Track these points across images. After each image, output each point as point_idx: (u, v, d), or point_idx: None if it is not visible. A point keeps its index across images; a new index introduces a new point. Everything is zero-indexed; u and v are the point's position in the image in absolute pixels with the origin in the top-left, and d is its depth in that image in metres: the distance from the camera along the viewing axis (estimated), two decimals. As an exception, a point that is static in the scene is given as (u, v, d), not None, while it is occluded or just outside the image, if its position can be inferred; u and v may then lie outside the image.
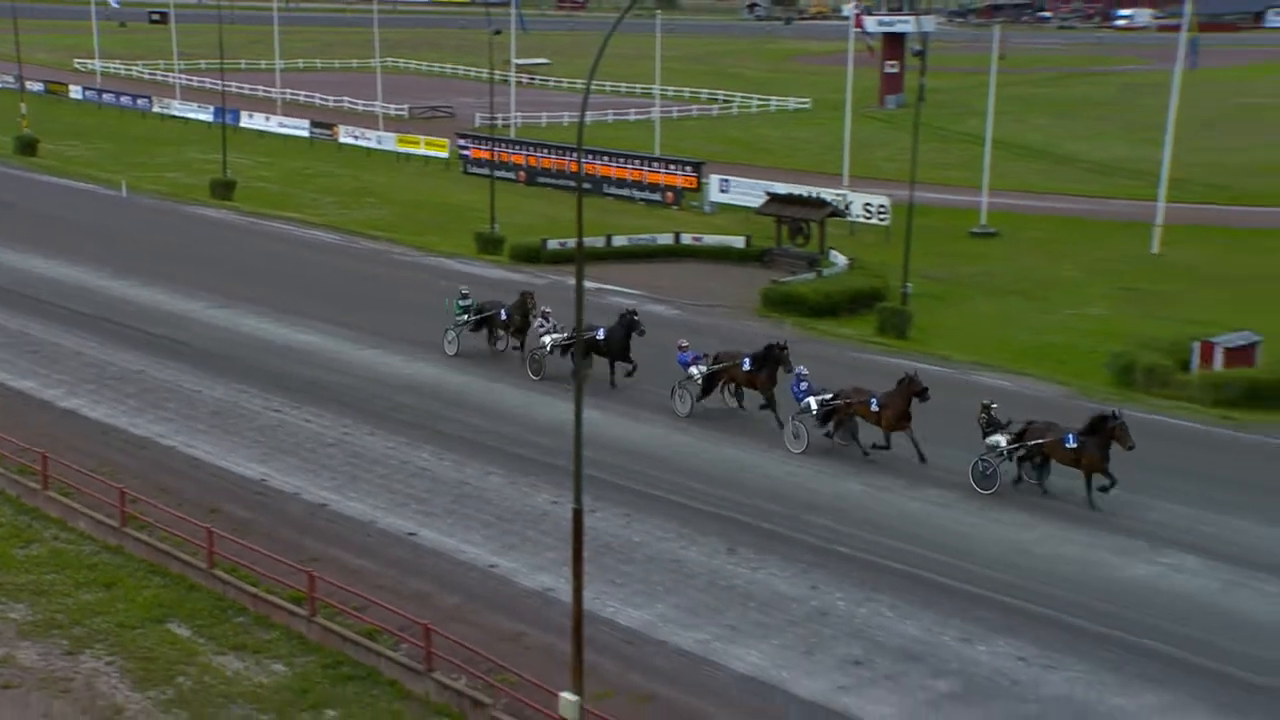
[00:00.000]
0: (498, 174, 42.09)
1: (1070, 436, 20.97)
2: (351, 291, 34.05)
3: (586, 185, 46.85)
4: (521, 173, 50.43)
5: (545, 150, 51.21)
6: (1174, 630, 16.29)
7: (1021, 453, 21.48)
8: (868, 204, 41.19)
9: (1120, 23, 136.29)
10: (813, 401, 23.72)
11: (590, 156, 48.33)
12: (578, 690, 13.56)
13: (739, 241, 38.79)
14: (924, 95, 47.51)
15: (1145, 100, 68.45)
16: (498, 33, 49.49)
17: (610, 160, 48.63)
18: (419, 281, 35.57)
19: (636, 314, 27.07)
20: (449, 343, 29.24)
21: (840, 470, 22.22)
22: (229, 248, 39.69)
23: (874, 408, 23.07)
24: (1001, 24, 70.48)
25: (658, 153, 51.35)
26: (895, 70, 71.77)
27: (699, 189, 46.30)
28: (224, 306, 31.89)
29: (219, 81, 61.34)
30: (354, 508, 19.81)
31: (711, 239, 39.39)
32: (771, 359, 24.85)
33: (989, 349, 30.45)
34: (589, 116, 60.50)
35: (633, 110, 70.56)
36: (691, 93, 78.39)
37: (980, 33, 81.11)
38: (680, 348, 25.99)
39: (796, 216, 37.76)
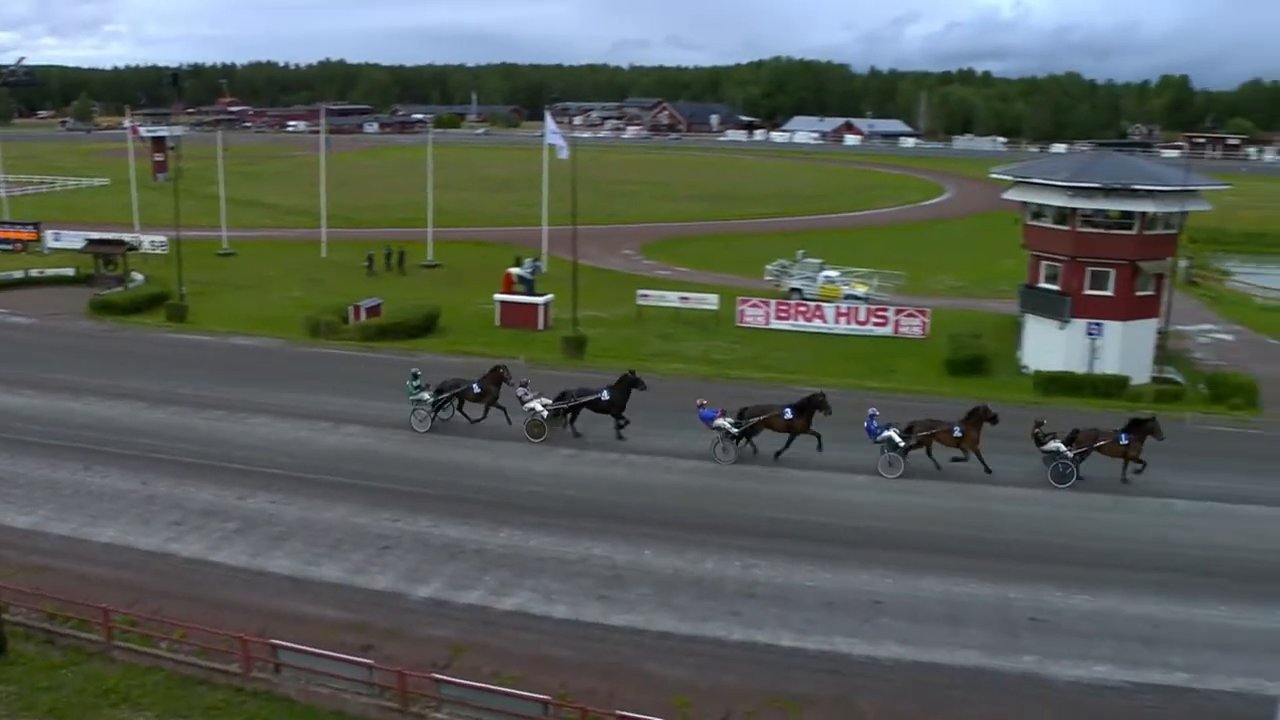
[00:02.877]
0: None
1: (1123, 436, 29.76)
2: None
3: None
4: None
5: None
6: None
7: (1081, 451, 29.70)
8: (153, 241, 67.70)
9: (290, 126, 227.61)
10: (893, 434, 30.11)
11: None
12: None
13: (70, 271, 59.69)
14: (180, 172, 72.45)
15: (307, 171, 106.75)
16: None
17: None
18: None
19: (635, 372, 33.55)
20: (419, 421, 33.29)
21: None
22: None
23: (957, 434, 30.26)
24: (223, 128, 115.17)
25: (6, 217, 73.47)
26: (161, 158, 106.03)
27: (38, 239, 69.33)
28: None
29: None
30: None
31: (51, 271, 60.64)
32: (811, 406, 31.14)
33: (238, 322, 47.83)
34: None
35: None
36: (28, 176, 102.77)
37: (212, 133, 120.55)
38: (699, 405, 31.55)
39: (108, 252, 59.05)
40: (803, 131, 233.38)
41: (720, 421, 31.35)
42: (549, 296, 50.16)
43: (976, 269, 69.13)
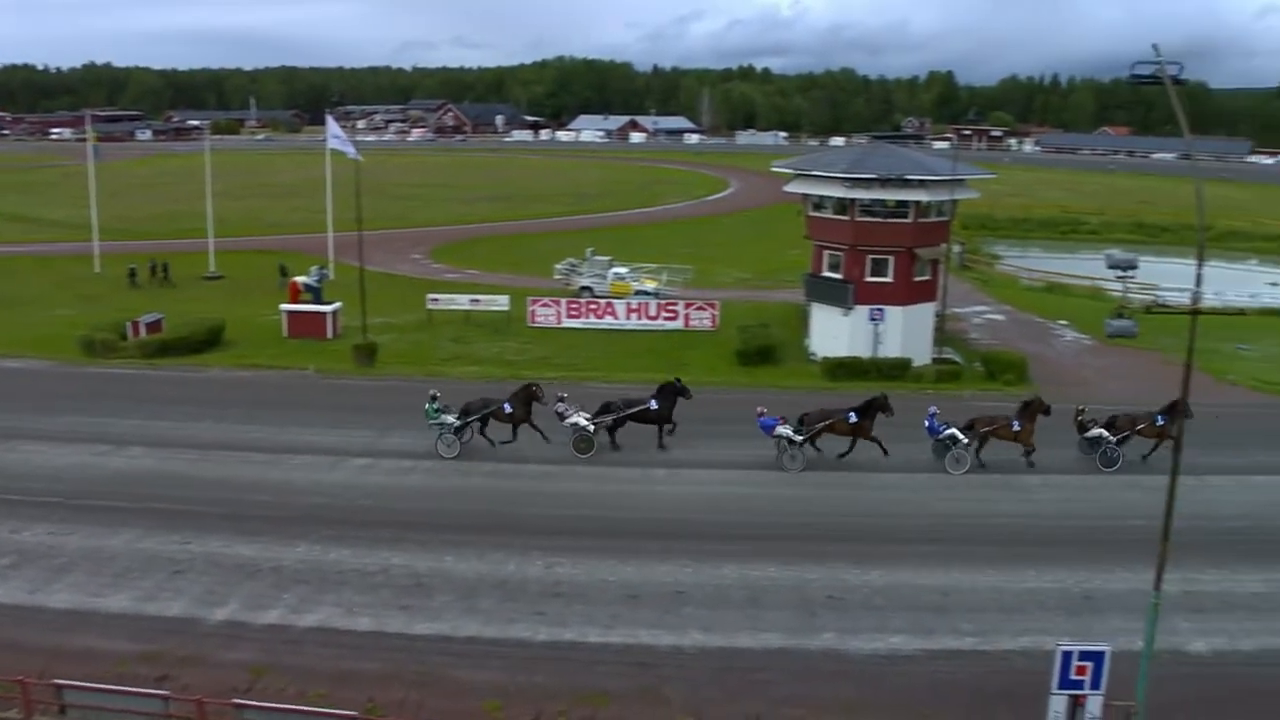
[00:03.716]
0: None
1: (1160, 417, 31.64)
2: None
3: None
4: None
5: None
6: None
7: (1123, 435, 31.60)
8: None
9: (54, 134, 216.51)
10: (956, 432, 31.19)
11: None
12: None
13: None
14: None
15: (75, 181, 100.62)
16: None
17: None
18: None
19: (681, 380, 33.83)
20: (446, 446, 31.94)
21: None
22: None
23: (1015, 428, 31.53)
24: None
25: None
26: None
27: None
28: None
29: None
30: None
31: None
32: (873, 408, 31.76)
33: (6, 344, 45.05)
34: None
35: None
36: None
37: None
38: (760, 413, 31.83)
39: None
40: (588, 130, 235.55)
41: (782, 429, 31.45)
42: (337, 305, 49.04)
43: (762, 261, 71.30)
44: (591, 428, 32.04)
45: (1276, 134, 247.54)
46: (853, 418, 31.75)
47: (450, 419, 32.09)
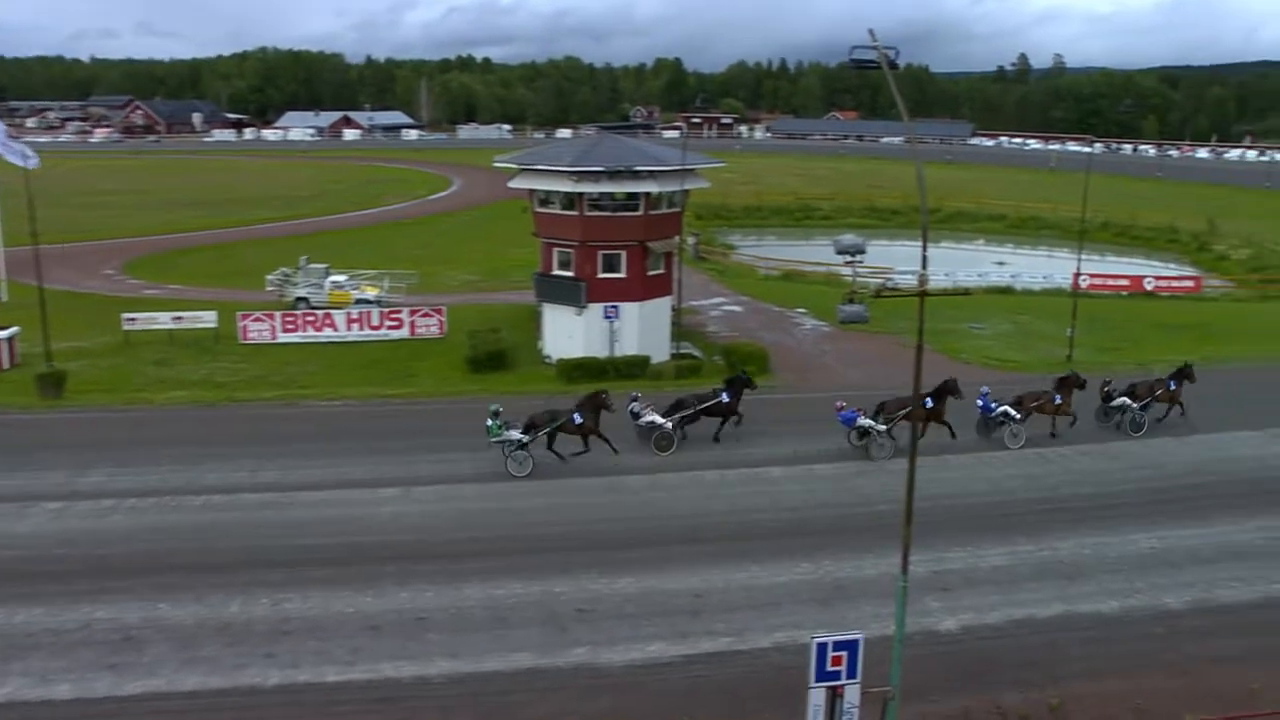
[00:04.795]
0: None
1: (1171, 383, 36.57)
2: None
3: None
4: None
5: None
6: None
7: (1145, 403, 35.82)
8: None
9: None
10: (1009, 409, 34.36)
11: None
12: None
13: None
14: None
15: None
16: None
17: None
18: None
19: (746, 372, 36.33)
20: (519, 465, 31.75)
21: None
22: None
23: (1058, 401, 35.14)
24: None
25: None
26: None
27: None
28: None
29: None
30: None
31: None
32: (945, 392, 34.12)
33: None
34: None
35: None
36: None
37: None
38: (839, 407, 33.59)
39: None
40: (298, 128, 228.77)
41: (863, 421, 33.34)
42: (13, 330, 45.65)
43: (490, 261, 71.31)
44: (670, 425, 33.49)
45: (996, 116, 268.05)
46: (929, 403, 33.85)
47: (515, 435, 31.84)
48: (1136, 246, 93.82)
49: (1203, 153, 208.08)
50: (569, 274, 44.02)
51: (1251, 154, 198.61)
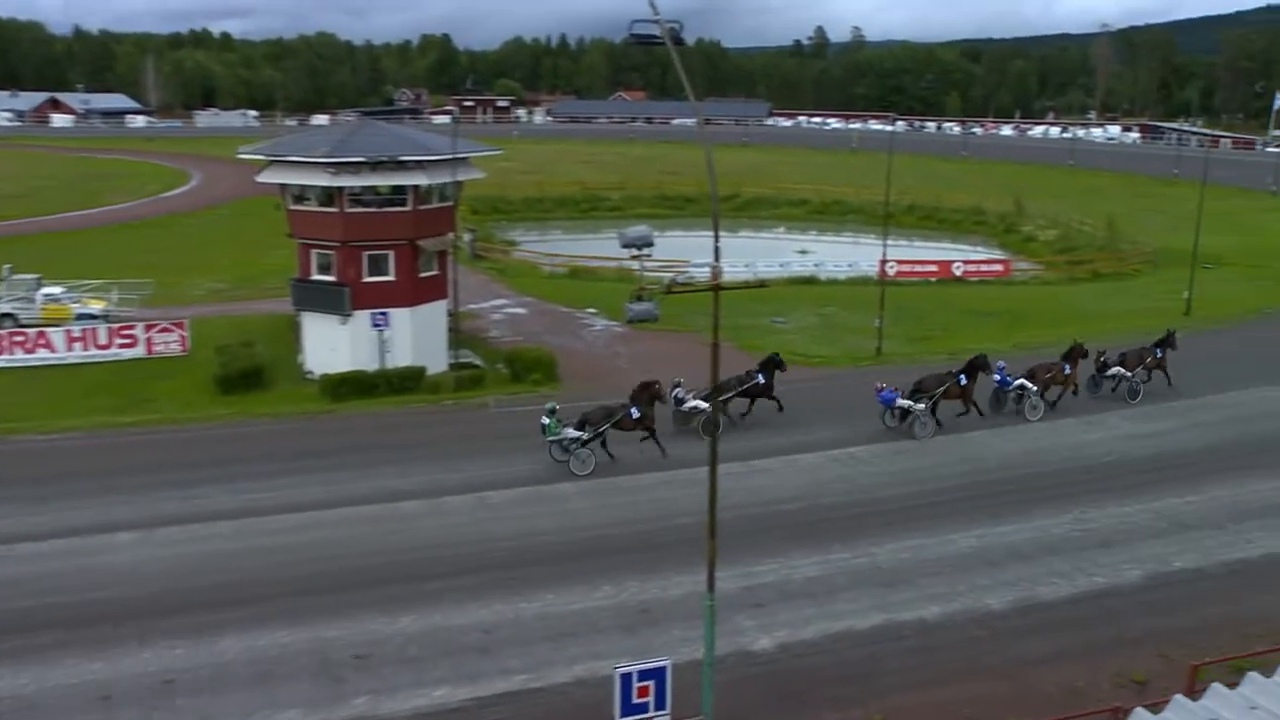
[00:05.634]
0: None
1: (1158, 350, 42.34)
2: None
3: None
4: None
5: None
6: None
7: (1139, 370, 41.37)
8: None
9: None
10: (1026, 382, 39.17)
11: None
12: None
13: None
14: None
15: None
16: None
17: None
18: None
19: (779, 355, 39.35)
20: (581, 463, 33.50)
21: None
22: None
23: (1066, 372, 40.15)
24: None
25: None
26: None
27: None
28: None
29: None
30: None
31: None
32: (975, 369, 38.19)
33: None
34: None
35: None
36: None
37: None
38: (878, 389, 37.58)
39: None
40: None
41: (903, 401, 37.07)
42: None
43: (239, 266, 69.35)
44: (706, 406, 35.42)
45: (794, 94, 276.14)
46: (963, 380, 37.78)
47: (573, 432, 33.58)
48: (943, 230, 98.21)
49: (1007, 130, 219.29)
50: (330, 279, 43.17)
51: (1055, 130, 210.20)
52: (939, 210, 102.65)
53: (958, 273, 72.76)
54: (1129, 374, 41.77)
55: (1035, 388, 39.46)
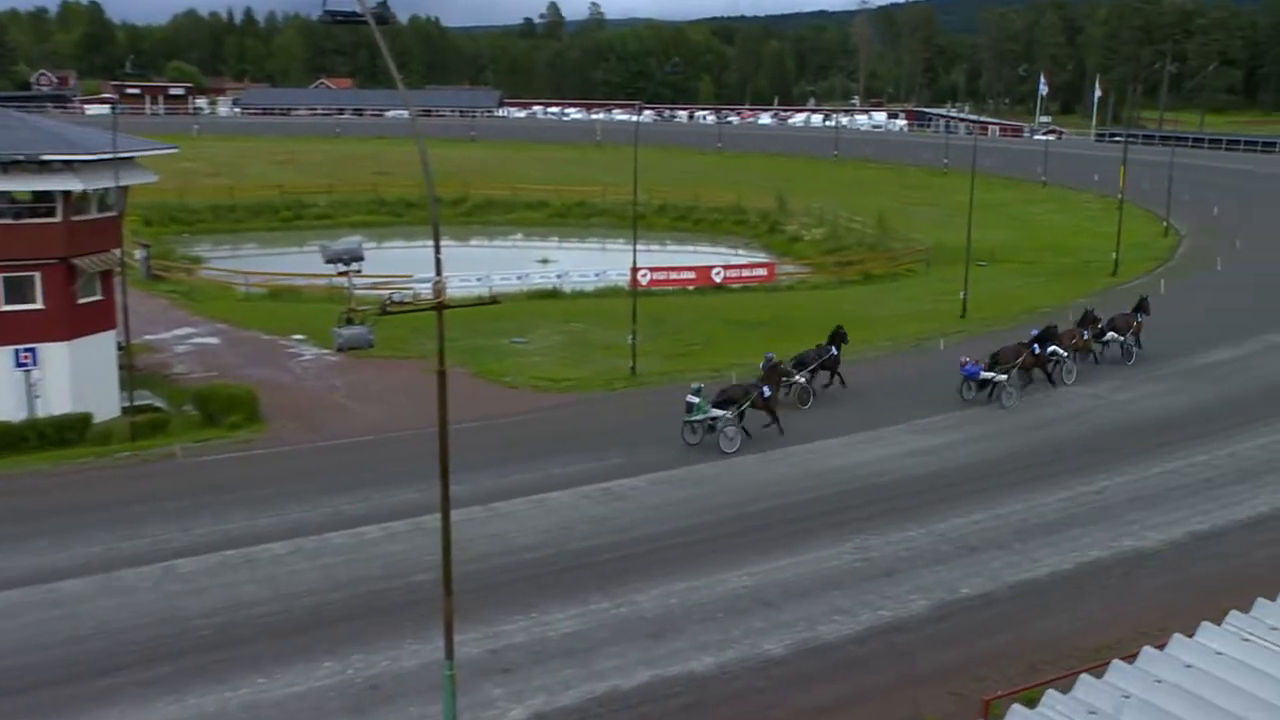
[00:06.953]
0: None
1: (1139, 316, 51.52)
2: None
3: None
4: None
5: None
6: None
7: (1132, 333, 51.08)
8: None
9: None
10: (1058, 349, 47.34)
11: None
12: None
13: None
14: None
15: None
16: None
17: None
18: None
19: (843, 328, 46.93)
20: (729, 440, 38.94)
21: None
22: None
23: (1085, 337, 49.75)
24: None
25: None
26: None
27: None
28: None
29: None
30: None
31: None
32: (1046, 338, 46.40)
33: None
34: None
35: None
36: None
37: None
38: (963, 363, 44.81)
39: None
40: None
41: (987, 374, 44.09)
42: None
43: None
44: (803, 379, 44.26)
45: (527, 80, 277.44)
46: (1036, 349, 46.04)
47: (719, 411, 38.78)
48: (701, 231, 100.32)
49: (765, 118, 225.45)
50: (-40, 307, 40.83)
51: (817, 118, 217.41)
52: (695, 210, 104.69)
53: (718, 279, 74.26)
54: (1121, 337, 51.31)
55: (1066, 353, 47.90)
